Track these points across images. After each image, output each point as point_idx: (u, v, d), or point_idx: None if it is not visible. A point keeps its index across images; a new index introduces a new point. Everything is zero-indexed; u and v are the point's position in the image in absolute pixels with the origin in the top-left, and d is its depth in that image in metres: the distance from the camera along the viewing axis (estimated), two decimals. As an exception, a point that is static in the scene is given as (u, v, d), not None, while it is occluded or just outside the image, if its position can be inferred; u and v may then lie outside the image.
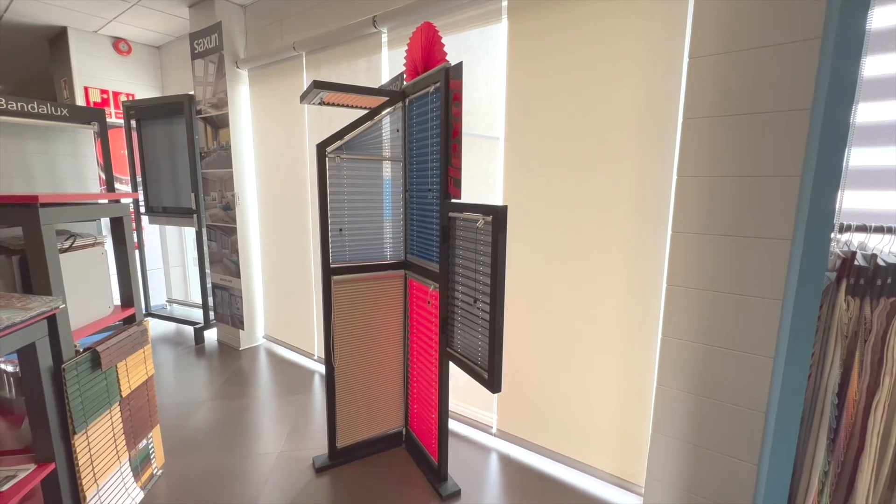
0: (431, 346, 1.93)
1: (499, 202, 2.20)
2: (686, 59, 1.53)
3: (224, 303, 3.66)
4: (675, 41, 1.62)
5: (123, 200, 2.63)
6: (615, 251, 1.84)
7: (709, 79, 1.46)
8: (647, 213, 1.75)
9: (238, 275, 3.52)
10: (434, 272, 1.83)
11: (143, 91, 4.29)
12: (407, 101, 1.96)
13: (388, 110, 1.96)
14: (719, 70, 1.44)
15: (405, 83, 1.99)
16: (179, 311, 4.35)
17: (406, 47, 1.93)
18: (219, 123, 3.42)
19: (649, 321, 1.79)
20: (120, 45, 4.09)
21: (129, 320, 2.04)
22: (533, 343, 2.13)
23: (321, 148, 1.86)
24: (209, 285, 3.77)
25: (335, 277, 1.95)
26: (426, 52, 1.79)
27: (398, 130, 2.00)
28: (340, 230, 1.94)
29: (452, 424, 2.47)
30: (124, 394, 1.82)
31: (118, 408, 1.79)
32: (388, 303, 2.09)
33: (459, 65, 1.59)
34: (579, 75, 1.85)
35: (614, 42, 1.75)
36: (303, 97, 2.01)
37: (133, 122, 3.84)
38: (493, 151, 2.23)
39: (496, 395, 2.30)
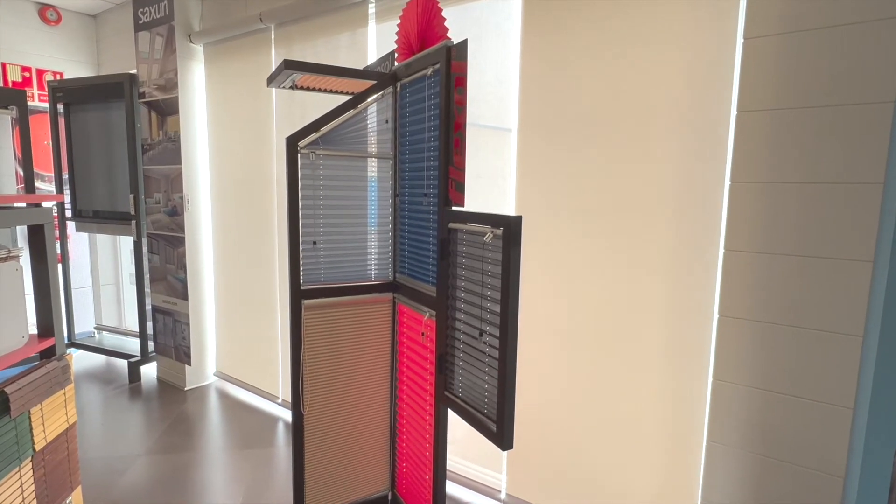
0: (425, 390, 1.91)
1: (510, 209, 2.21)
2: (740, 40, 1.55)
3: (167, 331, 3.65)
4: (726, 18, 1.64)
5: (45, 204, 2.61)
6: (654, 272, 1.84)
7: (768, 64, 1.47)
8: (693, 225, 1.75)
9: (185, 296, 3.51)
10: (429, 296, 1.82)
11: (75, 69, 4.32)
12: (398, 85, 1.97)
13: (374, 97, 1.96)
14: (781, 53, 1.45)
15: (396, 64, 2.00)
16: (111, 340, 4.34)
17: (398, 20, 1.95)
18: (166, 109, 3.43)
19: (697, 360, 1.78)
20: (47, 12, 4.13)
21: (48, 353, 2.01)
22: (552, 386, 2.11)
23: (292, 142, 1.86)
24: (148, 308, 3.76)
25: (307, 302, 1.94)
26: (423, 26, 1.80)
27: (387, 121, 2.01)
28: (314, 243, 1.94)
29: (451, 488, 2.43)
30: (38, 446, 1.78)
31: (30, 465, 1.76)
32: (372, 334, 2.08)
33: (464, 43, 1.60)
34: (609, 57, 1.87)
35: (652, 18, 1.77)
36: (270, 80, 2.02)
37: (60, 107, 3.86)
38: (504, 146, 2.24)
39: (507, 451, 2.28)
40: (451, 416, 2.00)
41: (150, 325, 3.81)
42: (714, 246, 1.71)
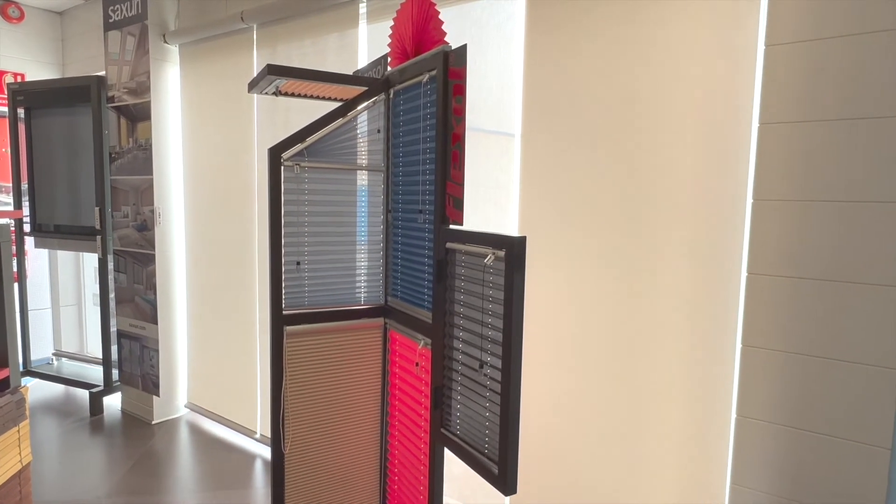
0: (419, 426, 1.90)
1: (512, 222, 2.21)
2: (761, 47, 1.57)
3: (134, 358, 3.63)
4: (746, 22, 1.67)
5: (1, 221, 2.60)
6: (672, 296, 1.84)
7: (792, 72, 1.49)
8: (713, 246, 1.76)
9: (154, 320, 3.50)
10: (425, 323, 1.82)
11: (38, 70, 4.34)
12: (391, 92, 1.98)
13: (365, 104, 1.97)
14: (807, 61, 1.47)
15: (389, 69, 2.02)
16: (71, 368, 4.29)
17: (391, 21, 1.97)
18: (137, 115, 3.45)
19: (719, 393, 1.77)
20: (9, 9, 4.16)
21: (1, 386, 1.99)
22: (560, 421, 2.09)
23: (275, 153, 1.87)
24: (113, 332, 3.74)
25: (289, 328, 1.93)
26: (418, 28, 1.82)
27: (379, 131, 2.02)
28: (298, 264, 1.94)
29: (447, 534, 2.40)
30: (-12, 490, 1.75)
31: (-22, 511, 1.72)
32: (361, 363, 2.07)
33: (463, 48, 1.62)
34: (621, 63, 1.89)
35: (667, 22, 1.80)
36: (252, 85, 2.04)
37: (21, 112, 3.87)
38: (506, 152, 2.25)
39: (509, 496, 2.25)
40: (448, 454, 1.98)
41: (114, 351, 3.78)
42: (736, 269, 1.72)
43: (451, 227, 1.69)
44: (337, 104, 2.12)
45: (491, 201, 2.41)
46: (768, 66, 1.53)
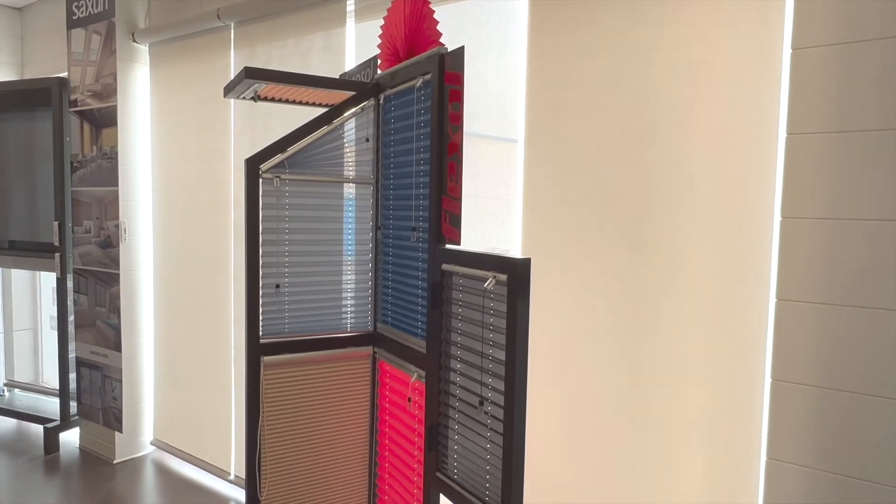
0: (412, 468, 1.88)
1: (515, 239, 2.21)
2: (787, 50, 1.58)
3: (94, 389, 3.60)
4: (770, 23, 1.68)
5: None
6: (693, 324, 1.83)
7: (823, 78, 1.49)
8: (739, 269, 1.75)
9: (118, 346, 3.48)
10: (418, 353, 1.81)
11: (-7, 71, 4.36)
12: (381, 97, 1.99)
13: (353, 110, 1.99)
14: (840, 66, 1.48)
15: (379, 72, 2.02)
16: (24, 400, 4.25)
17: (382, 20, 1.98)
18: (102, 120, 3.45)
19: (747, 436, 1.75)
20: (-37, 5, 4.18)
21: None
22: (569, 466, 2.07)
23: (253, 164, 1.87)
24: (72, 357, 3.69)
25: (266, 359, 1.92)
26: (411, 28, 1.83)
27: (367, 140, 2.03)
28: (277, 286, 1.93)
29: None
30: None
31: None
32: (347, 398, 2.05)
33: (460, 50, 1.62)
34: (633, 67, 1.90)
35: (684, 22, 1.81)
36: (228, 89, 2.04)
37: (-26, 116, 3.87)
38: (507, 165, 2.25)
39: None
40: (445, 498, 1.96)
41: (73, 381, 3.74)
42: (763, 295, 1.71)
43: (448, 246, 1.68)
44: (322, 110, 2.12)
45: (491, 215, 2.40)
46: (796, 71, 1.53)
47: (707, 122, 1.78)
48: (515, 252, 2.24)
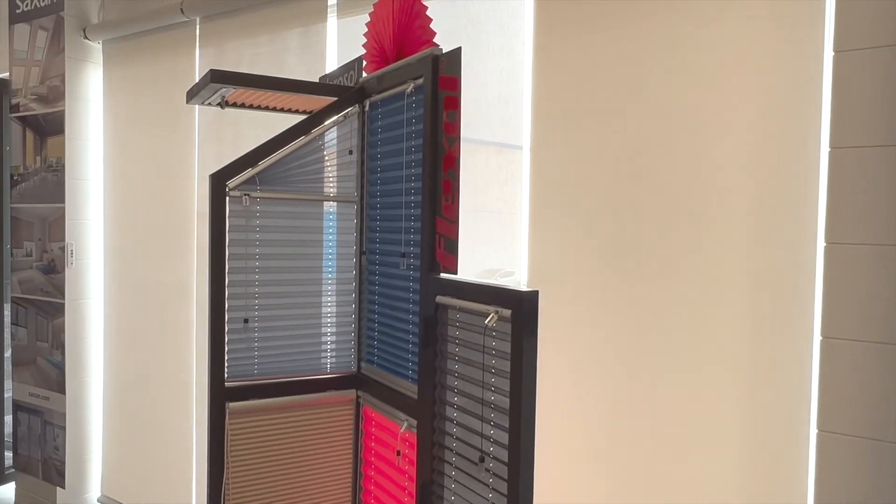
0: (402, 533, 1.84)
1: (519, 261, 2.20)
2: (829, 53, 1.58)
3: (33, 437, 3.56)
4: (809, 22, 1.69)
5: None
6: (726, 368, 1.82)
7: (871, 85, 1.49)
8: (776, 301, 1.74)
9: (61, 388, 3.44)
10: (409, 398, 1.79)
11: (-75, 72, 4.35)
12: (367, 104, 1.99)
13: (334, 119, 1.98)
14: (889, 70, 1.47)
15: (365, 75, 2.02)
16: (-48, 449, 4.20)
17: (367, 16, 1.98)
18: (47, 128, 3.44)
19: (789, 488, 1.73)
20: None
21: None
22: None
23: (219, 181, 1.85)
24: (7, 397, 3.66)
25: (233, 405, 1.89)
26: (401, 27, 1.83)
27: (351, 152, 2.02)
28: (245, 321, 1.91)
29: None
30: None
31: None
32: (326, 450, 2.03)
33: (457, 52, 1.62)
34: (656, 71, 1.91)
35: (711, 20, 1.82)
36: (192, 94, 2.03)
37: None
38: (511, 173, 2.25)
39: None
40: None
41: (8, 426, 3.71)
42: (806, 333, 1.70)
43: (443, 275, 1.67)
44: (299, 117, 2.11)
45: (491, 232, 2.39)
46: (839, 76, 1.53)
47: (738, 132, 1.79)
48: (520, 274, 2.23)
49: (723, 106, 1.81)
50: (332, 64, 2.65)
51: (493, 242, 2.38)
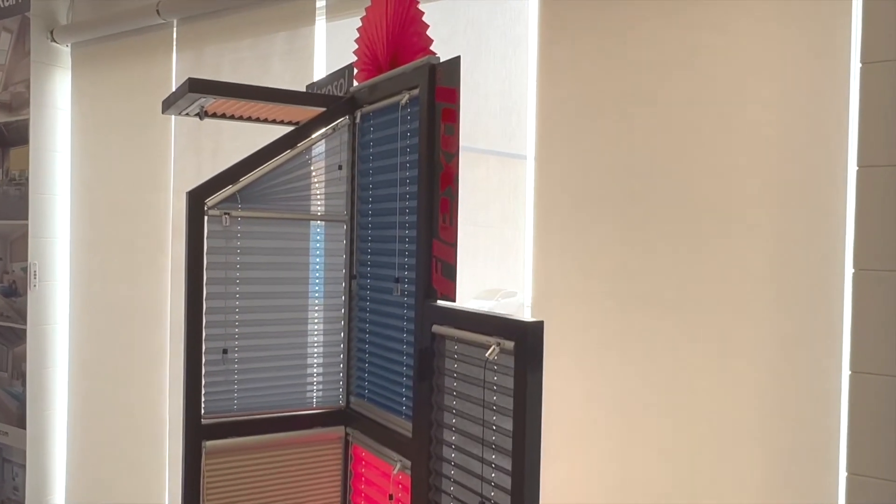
0: (394, 585, 1.83)
1: (523, 281, 2.21)
2: (856, 65, 1.59)
3: (-10, 477, 3.55)
4: (834, 32, 1.70)
5: None
6: (746, 399, 1.82)
7: (901, 97, 1.51)
8: (800, 332, 1.74)
9: (22, 422, 3.43)
10: (402, 437, 1.78)
11: None
12: (358, 115, 2.00)
13: (322, 131, 1.99)
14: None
15: (356, 83, 2.04)
16: None
17: (359, 20, 2.00)
18: (10, 138, 3.45)
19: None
20: None
21: None
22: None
23: (197, 199, 1.85)
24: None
25: (210, 444, 1.88)
26: (395, 32, 1.85)
27: (340, 167, 2.03)
28: (224, 352, 1.91)
29: None
30: None
31: None
32: (311, 492, 2.02)
33: (455, 61, 1.63)
34: (670, 82, 1.93)
35: (728, 30, 1.84)
36: (168, 104, 2.04)
37: None
38: (514, 184, 2.27)
39: None
40: None
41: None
42: (834, 369, 1.70)
43: (440, 303, 1.67)
44: (285, 129, 2.12)
45: (494, 254, 2.40)
46: (866, 89, 1.54)
47: (758, 148, 1.80)
48: (523, 295, 2.23)
49: (742, 120, 1.82)
50: (320, 70, 2.67)
51: (495, 260, 2.39)
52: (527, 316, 1.87)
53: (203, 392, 1.88)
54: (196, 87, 1.86)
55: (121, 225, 3.39)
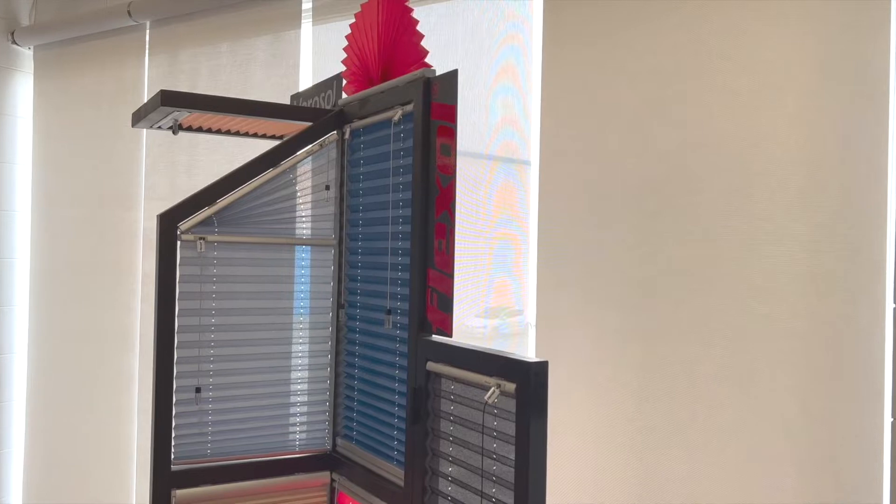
0: None
1: (527, 298, 2.20)
2: None
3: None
4: (873, 35, 1.71)
5: None
6: (780, 442, 1.82)
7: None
8: (841, 376, 1.74)
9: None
10: (393, 484, 1.78)
11: None
12: (347, 130, 2.02)
13: (308, 148, 2.00)
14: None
15: (345, 95, 2.06)
16: None
17: (348, 27, 2.02)
18: (-34, 150, 3.45)
19: None
20: None
21: None
22: None
23: (169, 222, 1.86)
24: None
25: (181, 493, 1.88)
26: (388, 42, 1.87)
27: (328, 187, 2.04)
28: (198, 390, 1.91)
29: None
30: None
31: None
32: (294, 546, 2.01)
33: (452, 75, 1.64)
34: (688, 89, 1.95)
35: (755, 32, 1.85)
36: (139, 117, 2.06)
37: None
38: (517, 199, 2.28)
39: None
40: None
41: None
42: (877, 413, 1.70)
43: (434, 337, 1.68)
44: (267, 143, 2.14)
45: (497, 269, 2.41)
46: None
47: (786, 164, 1.81)
48: (528, 314, 2.23)
49: (767, 134, 1.84)
50: (306, 78, 2.68)
51: (498, 275, 2.39)
52: (530, 355, 1.87)
53: (173, 435, 1.87)
54: (169, 100, 1.87)
55: (86, 243, 3.40)
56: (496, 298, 2.45)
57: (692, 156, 1.94)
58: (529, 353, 2.25)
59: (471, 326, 2.51)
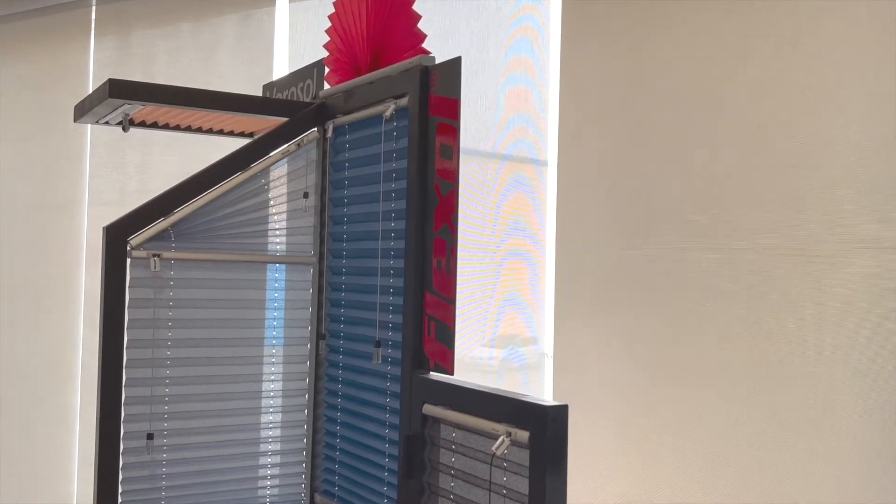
0: None
1: (545, 324, 2.20)
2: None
3: None
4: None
5: None
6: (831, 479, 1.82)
7: None
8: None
9: None
10: (384, 550, 1.78)
11: None
12: (330, 127, 2.01)
13: (283, 148, 2.00)
14: None
15: (327, 86, 2.06)
16: None
17: (331, 2, 2.02)
18: None
19: None
20: None
21: None
22: None
23: (117, 235, 1.85)
24: None
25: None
26: (378, 24, 1.87)
27: (306, 195, 2.04)
28: (150, 437, 1.90)
29: None
30: None
31: None
32: None
33: (455, 63, 1.64)
34: (742, 90, 1.96)
35: (804, 30, 1.87)
36: (83, 111, 2.06)
37: None
38: (533, 209, 2.28)
39: None
40: None
41: None
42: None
43: (433, 375, 1.67)
44: (236, 142, 2.14)
45: (511, 290, 2.42)
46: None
47: (839, 170, 1.83)
48: (545, 342, 2.23)
49: (819, 139, 1.86)
50: (281, 64, 2.68)
51: (512, 296, 2.40)
52: (546, 395, 1.87)
53: (120, 490, 1.86)
54: (119, 91, 1.87)
55: (18, 259, 3.40)
56: (506, 325, 2.46)
57: (738, 167, 1.96)
58: (546, 393, 2.24)
59: (476, 358, 2.50)
